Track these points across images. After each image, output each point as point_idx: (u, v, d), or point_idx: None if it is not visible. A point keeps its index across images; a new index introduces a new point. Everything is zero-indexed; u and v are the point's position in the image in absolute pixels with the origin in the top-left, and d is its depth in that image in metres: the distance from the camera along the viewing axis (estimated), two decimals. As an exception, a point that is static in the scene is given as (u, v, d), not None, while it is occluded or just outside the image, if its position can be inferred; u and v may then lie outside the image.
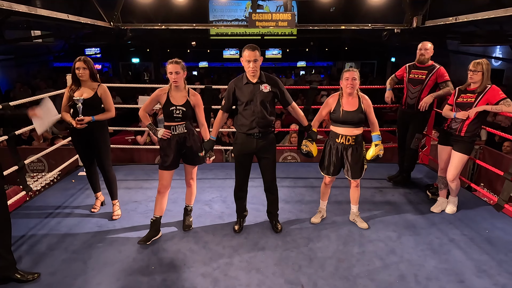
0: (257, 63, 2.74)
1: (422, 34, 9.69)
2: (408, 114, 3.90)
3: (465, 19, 5.27)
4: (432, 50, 3.75)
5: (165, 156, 2.87)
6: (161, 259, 2.64)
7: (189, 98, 2.85)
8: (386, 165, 4.75)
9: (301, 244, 2.83)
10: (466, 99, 3.13)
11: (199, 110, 2.90)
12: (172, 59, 2.79)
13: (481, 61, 3.05)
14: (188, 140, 2.87)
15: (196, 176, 3.10)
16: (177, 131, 2.84)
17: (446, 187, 3.41)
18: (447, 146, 3.32)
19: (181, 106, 2.81)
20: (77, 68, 3.02)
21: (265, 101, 2.81)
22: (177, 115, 2.81)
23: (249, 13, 6.29)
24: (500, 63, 10.74)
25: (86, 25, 6.57)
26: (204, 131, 2.96)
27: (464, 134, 3.15)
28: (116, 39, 9.32)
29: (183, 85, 2.84)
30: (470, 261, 2.61)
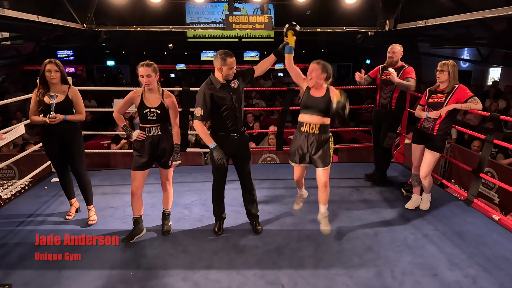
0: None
1: (395, 37, 9.97)
2: (381, 113, 4.02)
3: (433, 22, 5.48)
4: (401, 52, 3.86)
5: (138, 157, 2.85)
6: (139, 265, 2.60)
7: (163, 100, 2.82)
8: (363, 164, 4.86)
9: (282, 245, 2.85)
10: (437, 99, 3.26)
11: (173, 112, 2.86)
12: (144, 61, 2.75)
13: (447, 62, 3.21)
14: (162, 143, 2.85)
15: (172, 179, 3.06)
16: (151, 133, 2.82)
17: (419, 184, 3.53)
18: (420, 145, 3.44)
19: (155, 109, 2.78)
20: (48, 70, 2.94)
21: (240, 98, 2.85)
22: (151, 118, 2.79)
23: (226, 16, 6.30)
24: (468, 64, 11.22)
25: (58, 27, 6.37)
26: (176, 133, 2.90)
27: (436, 133, 3.27)
28: (89, 41, 9.10)
29: (156, 87, 2.81)
30: (443, 255, 2.72)
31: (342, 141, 6.96)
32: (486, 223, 3.23)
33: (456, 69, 3.18)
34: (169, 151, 2.88)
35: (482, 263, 2.61)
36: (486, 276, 2.46)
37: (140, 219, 2.98)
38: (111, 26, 6.72)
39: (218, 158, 2.74)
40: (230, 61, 2.71)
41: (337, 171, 4.46)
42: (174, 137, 2.90)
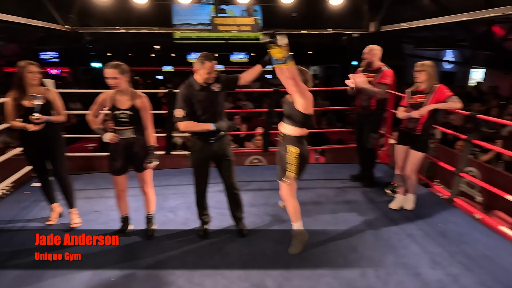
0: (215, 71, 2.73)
1: (381, 39, 10.14)
2: (363, 115, 4.06)
3: (416, 24, 5.58)
4: (375, 54, 3.89)
5: (113, 161, 2.81)
6: (122, 269, 2.55)
7: (134, 101, 2.75)
8: (349, 165, 4.89)
9: (266, 247, 2.85)
10: (418, 99, 3.31)
11: (145, 113, 2.79)
12: (111, 62, 2.67)
13: (425, 62, 3.28)
14: (136, 146, 2.79)
15: (151, 182, 2.99)
16: (124, 136, 2.77)
17: (404, 185, 3.57)
18: (404, 146, 3.49)
19: (126, 110, 2.73)
20: (31, 71, 2.90)
21: (220, 101, 2.82)
22: (123, 120, 2.73)
23: (211, 17, 6.28)
24: (451, 66, 11.45)
25: (40, 28, 6.26)
26: (149, 134, 2.83)
27: (420, 133, 3.31)
28: (74, 43, 8.96)
29: (126, 88, 2.74)
30: (426, 254, 2.75)
31: (329, 142, 7.01)
32: (468, 221, 3.28)
33: (434, 69, 3.25)
34: (143, 154, 2.82)
35: (464, 261, 2.65)
36: (467, 274, 2.51)
37: (127, 217, 3.03)
38: (94, 28, 6.64)
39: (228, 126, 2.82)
40: (209, 65, 2.65)
41: (323, 172, 4.49)
42: (149, 139, 2.82)
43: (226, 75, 2.88)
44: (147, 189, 2.98)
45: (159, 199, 3.73)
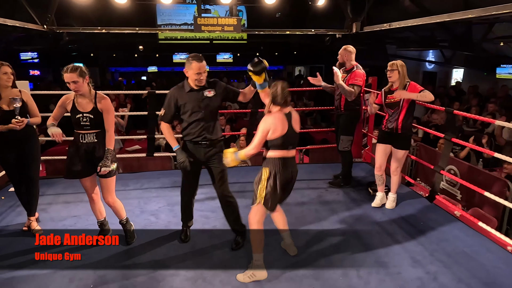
0: (206, 73, 2.67)
1: (365, 39, 10.26)
2: (336, 116, 4.11)
3: (397, 25, 5.66)
4: (347, 54, 3.91)
5: (72, 165, 2.70)
6: (101, 276, 2.50)
7: (96, 104, 2.66)
8: (333, 165, 4.91)
9: (249, 249, 2.81)
10: (393, 99, 3.38)
11: (107, 116, 2.68)
12: (68, 65, 2.57)
13: (395, 61, 3.36)
14: (98, 150, 2.68)
15: (113, 190, 2.79)
16: (86, 139, 2.67)
17: (383, 183, 3.61)
18: (385, 145, 3.53)
19: (88, 113, 2.63)
20: (5, 73, 2.82)
21: (212, 107, 2.73)
22: (84, 123, 2.64)
23: (194, 17, 6.22)
24: (433, 66, 11.67)
25: (19, 28, 6.09)
26: (109, 138, 2.69)
27: (401, 131, 3.37)
28: (54, 43, 8.75)
29: (87, 91, 2.65)
30: (407, 253, 2.78)
31: (314, 142, 7.05)
32: (448, 219, 3.34)
33: (404, 68, 3.33)
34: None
35: (443, 259, 2.69)
36: (446, 272, 2.54)
37: (104, 221, 2.93)
38: (73, 28, 6.50)
39: (180, 161, 2.68)
40: (197, 65, 2.58)
41: (307, 172, 4.50)
42: (107, 142, 2.69)
43: (228, 86, 2.85)
44: (109, 199, 2.78)
45: (140, 202, 3.69)
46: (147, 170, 4.85)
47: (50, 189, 4.00)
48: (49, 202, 3.67)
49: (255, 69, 2.53)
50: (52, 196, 3.84)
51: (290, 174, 2.48)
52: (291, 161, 2.48)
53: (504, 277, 2.49)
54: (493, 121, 3.45)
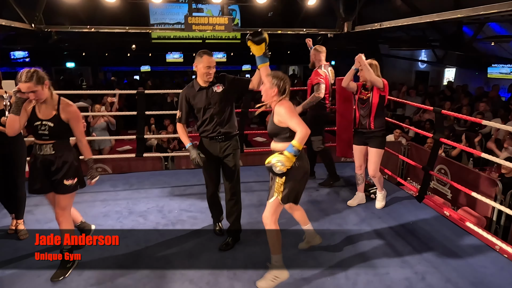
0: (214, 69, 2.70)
1: (356, 39, 10.28)
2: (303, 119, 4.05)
3: (388, 25, 5.67)
4: (316, 54, 3.91)
5: (31, 179, 2.47)
6: (86, 279, 2.46)
7: (59, 112, 2.37)
8: (323, 165, 4.91)
9: (237, 250, 2.80)
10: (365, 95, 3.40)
11: (75, 124, 2.43)
12: (23, 72, 2.27)
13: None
14: (56, 162, 2.40)
15: (69, 209, 2.54)
16: (42, 151, 2.39)
17: (362, 182, 3.64)
18: (361, 146, 3.52)
19: (48, 121, 2.35)
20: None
21: (223, 101, 2.75)
22: (43, 132, 2.35)
23: (185, 17, 6.18)
24: (425, 65, 11.74)
25: (6, 27, 6.00)
26: (84, 148, 2.52)
27: (374, 128, 3.35)
28: (44, 42, 8.65)
29: (49, 96, 2.37)
30: (395, 253, 2.78)
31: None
32: (437, 219, 3.34)
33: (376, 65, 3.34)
34: (64, 170, 2.41)
35: (431, 259, 2.69)
36: (434, 271, 2.54)
37: (81, 223, 2.87)
38: (61, 26, 6.42)
39: (191, 158, 2.68)
40: (207, 59, 2.63)
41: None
42: (85, 152, 2.51)
43: (235, 77, 2.85)
44: (61, 217, 2.48)
45: (129, 203, 3.65)
46: (137, 171, 4.81)
47: (37, 191, 3.94)
48: (36, 204, 3.60)
49: (254, 38, 2.43)
50: (39, 197, 3.75)
51: (307, 164, 2.38)
52: (303, 152, 2.33)
53: (491, 277, 2.50)
54: (480, 121, 3.46)
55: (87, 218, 3.28)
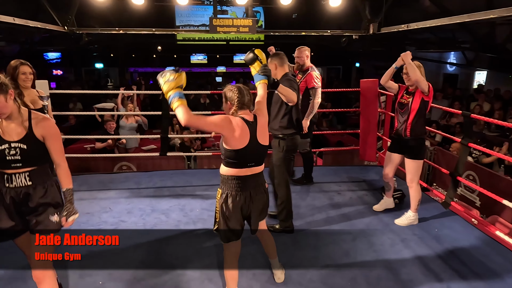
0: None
1: (382, 41, 10.07)
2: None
3: (415, 26, 5.52)
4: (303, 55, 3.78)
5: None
6: (110, 273, 2.53)
7: (31, 129, 1.84)
8: (347, 168, 4.86)
9: (256, 251, 2.80)
10: (406, 99, 3.13)
11: (53, 143, 1.89)
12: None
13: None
14: (32, 198, 1.87)
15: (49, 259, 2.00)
16: (13, 183, 1.84)
17: (390, 190, 3.50)
18: (394, 154, 3.28)
19: (18, 143, 1.81)
20: (24, 72, 2.77)
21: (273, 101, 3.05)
22: (12, 157, 1.80)
23: (210, 19, 6.26)
24: (454, 68, 11.34)
25: (41, 29, 6.29)
26: (63, 174, 1.96)
27: (409, 136, 3.08)
28: (75, 44, 9.01)
29: (15, 110, 1.83)
30: (419, 260, 2.70)
31: (328, 144, 6.97)
32: (464, 226, 3.22)
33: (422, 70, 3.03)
34: (42, 209, 1.90)
35: (457, 267, 2.60)
36: (460, 281, 2.45)
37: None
38: (92, 29, 6.66)
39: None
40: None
41: (320, 175, 4.44)
42: (63, 180, 1.95)
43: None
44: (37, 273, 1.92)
45: (153, 201, 3.73)
46: (161, 169, 4.91)
47: (66, 186, 4.10)
48: (64, 199, 3.76)
49: (245, 59, 2.31)
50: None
51: (249, 197, 2.04)
52: (252, 181, 2.04)
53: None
54: (510, 125, 3.30)
55: (111, 214, 3.41)
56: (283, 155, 3.00)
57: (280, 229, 3.07)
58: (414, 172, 3.13)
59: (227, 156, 2.03)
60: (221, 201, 2.05)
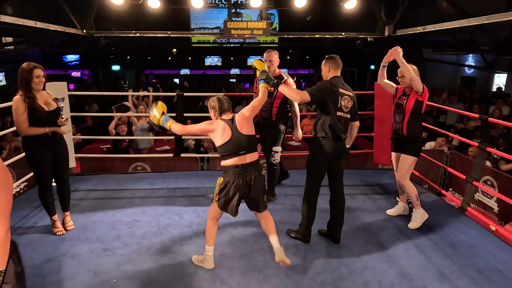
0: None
1: (398, 42, 9.92)
2: (264, 127, 3.70)
3: (431, 28, 5.43)
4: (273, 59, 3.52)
5: None
6: (124, 272, 2.57)
7: None
8: (359, 171, 4.81)
9: (269, 252, 2.81)
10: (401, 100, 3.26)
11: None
12: None
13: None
14: None
15: None
16: None
17: (403, 193, 3.47)
18: (396, 153, 3.42)
19: None
20: (38, 76, 2.83)
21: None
22: None
23: (224, 21, 6.32)
24: (472, 71, 11.10)
25: (61, 33, 6.48)
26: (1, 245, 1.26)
27: (406, 134, 3.18)
28: (93, 46, 9.23)
29: None
30: (433, 266, 2.65)
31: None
32: (481, 233, 3.15)
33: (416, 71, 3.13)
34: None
35: (473, 275, 2.54)
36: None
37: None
38: (109, 32, 6.82)
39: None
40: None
41: (333, 178, 4.40)
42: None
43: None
44: None
45: (167, 201, 3.78)
46: (175, 170, 4.97)
47: (83, 185, 4.19)
48: (81, 198, 3.85)
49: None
50: (84, 192, 4.03)
51: (246, 182, 2.43)
52: (248, 167, 2.43)
53: (541, 299, 2.31)
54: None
55: (126, 213, 3.47)
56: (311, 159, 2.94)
57: (294, 235, 3.04)
58: (406, 168, 3.22)
59: (219, 151, 2.48)
60: (221, 186, 2.46)
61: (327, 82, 2.84)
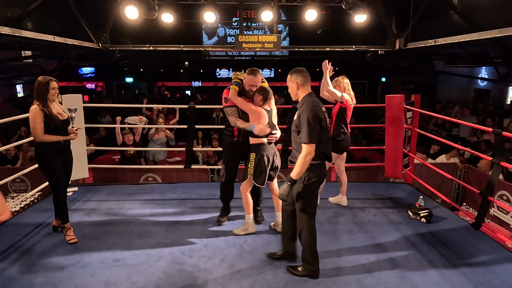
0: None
1: (409, 55, 9.92)
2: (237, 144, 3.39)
3: (443, 41, 5.42)
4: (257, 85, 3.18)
5: None
6: (134, 282, 2.59)
7: None
8: (371, 184, 4.76)
9: (278, 266, 2.79)
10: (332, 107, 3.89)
11: None
12: None
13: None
14: None
15: None
16: None
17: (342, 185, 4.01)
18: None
19: None
20: (54, 88, 3.06)
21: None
22: None
23: (235, 35, 6.42)
24: (486, 83, 10.96)
25: (77, 46, 6.68)
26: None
27: (332, 134, 3.69)
28: (108, 59, 9.46)
29: None
30: (447, 283, 2.59)
31: (353, 160, 6.86)
32: (497, 249, 3.07)
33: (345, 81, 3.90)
34: None
35: (489, 293, 2.47)
36: (492, 307, 2.33)
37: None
38: (124, 46, 6.99)
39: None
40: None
41: (343, 191, 4.37)
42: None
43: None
44: None
45: (178, 211, 3.80)
46: (185, 181, 5.00)
47: (95, 196, 4.25)
48: (93, 208, 3.90)
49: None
50: (97, 202, 4.08)
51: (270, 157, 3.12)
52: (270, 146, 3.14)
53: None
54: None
55: (136, 224, 3.50)
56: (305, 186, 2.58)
57: (302, 273, 2.66)
58: (338, 162, 3.93)
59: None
60: (257, 159, 3.10)
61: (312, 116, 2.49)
